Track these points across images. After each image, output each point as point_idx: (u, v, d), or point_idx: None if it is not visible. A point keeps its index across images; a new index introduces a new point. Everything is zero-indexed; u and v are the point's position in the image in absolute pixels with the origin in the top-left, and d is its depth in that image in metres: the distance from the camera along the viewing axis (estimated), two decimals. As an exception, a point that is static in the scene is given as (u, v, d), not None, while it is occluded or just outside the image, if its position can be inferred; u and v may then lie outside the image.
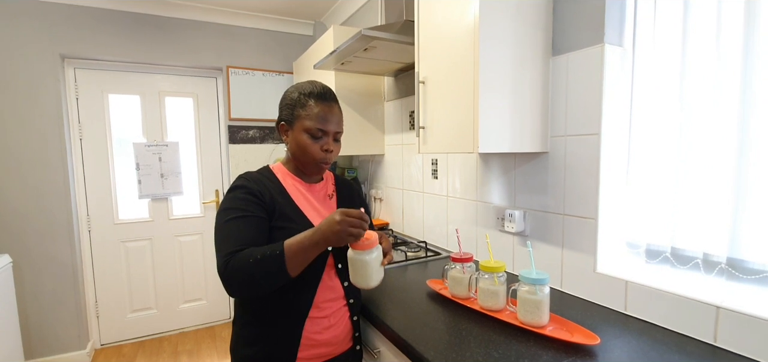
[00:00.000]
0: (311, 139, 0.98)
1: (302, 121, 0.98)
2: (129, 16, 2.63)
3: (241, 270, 0.84)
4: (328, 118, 0.99)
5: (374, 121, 2.35)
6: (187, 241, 3.03)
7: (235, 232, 0.89)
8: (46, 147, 2.46)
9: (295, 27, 3.14)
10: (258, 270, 0.84)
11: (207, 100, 3.01)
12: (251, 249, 0.86)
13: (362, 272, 0.92)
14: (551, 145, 1.27)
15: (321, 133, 0.98)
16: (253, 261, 0.84)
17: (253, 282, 0.85)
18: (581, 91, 1.16)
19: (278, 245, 0.86)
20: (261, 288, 0.87)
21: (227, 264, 0.85)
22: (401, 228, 2.28)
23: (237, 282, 0.86)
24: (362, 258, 0.91)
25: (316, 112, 0.97)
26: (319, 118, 0.97)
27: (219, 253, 0.88)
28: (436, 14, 1.27)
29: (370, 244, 0.91)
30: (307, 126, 0.97)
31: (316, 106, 0.98)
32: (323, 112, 0.98)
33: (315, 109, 0.98)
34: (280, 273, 0.85)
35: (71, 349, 2.60)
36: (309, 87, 1.00)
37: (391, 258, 1.02)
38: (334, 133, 1.01)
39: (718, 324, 0.89)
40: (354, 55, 1.78)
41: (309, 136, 0.98)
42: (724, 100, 0.94)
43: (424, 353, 0.91)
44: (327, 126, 0.99)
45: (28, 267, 2.47)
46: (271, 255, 0.84)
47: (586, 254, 1.18)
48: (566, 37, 1.20)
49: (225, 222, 0.91)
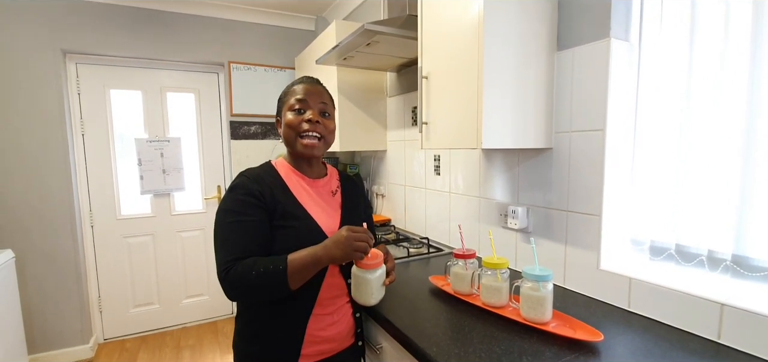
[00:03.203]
0: (294, 115, 1.00)
1: (287, 104, 1.01)
2: (131, 11, 2.62)
3: (241, 282, 0.85)
4: (309, 92, 1.01)
5: (377, 117, 2.35)
6: (189, 237, 3.03)
7: (234, 237, 0.89)
8: (48, 142, 2.46)
9: (297, 22, 3.13)
10: (259, 283, 0.85)
11: (209, 95, 3.00)
12: (254, 260, 0.87)
13: (363, 289, 0.94)
14: (555, 140, 1.26)
15: (301, 105, 0.99)
16: (254, 274, 0.85)
17: (253, 293, 0.88)
18: (586, 86, 1.15)
19: (281, 260, 0.87)
20: (260, 298, 0.90)
21: (228, 272, 0.86)
22: (403, 225, 2.27)
23: (236, 291, 0.88)
24: (364, 277, 0.93)
25: (297, 90, 1.01)
26: (300, 94, 1.00)
27: (218, 258, 0.89)
28: (439, 8, 1.26)
29: (374, 264, 0.92)
30: (290, 103, 1.00)
31: (298, 86, 1.02)
32: (303, 89, 1.01)
33: (296, 88, 1.02)
34: (281, 288, 0.87)
35: (74, 344, 2.62)
36: (297, 80, 1.05)
37: (393, 278, 1.03)
38: (318, 105, 1.01)
39: (722, 322, 0.89)
40: (356, 50, 1.77)
41: (292, 112, 1.00)
42: (731, 96, 0.93)
43: (427, 349, 0.91)
44: (308, 98, 1.00)
45: (31, 262, 2.48)
46: (273, 271, 0.85)
47: (590, 251, 1.18)
48: (572, 31, 1.19)
49: (225, 223, 0.91)
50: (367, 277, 0.92)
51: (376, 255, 0.93)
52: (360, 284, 0.94)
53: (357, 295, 0.96)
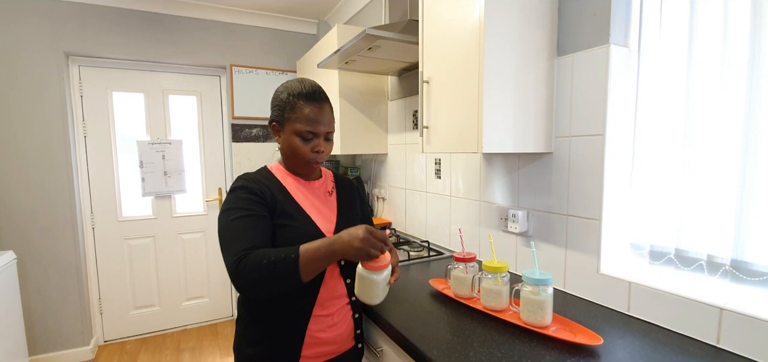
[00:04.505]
0: (302, 141, 0.98)
1: (292, 124, 0.98)
2: (133, 14, 2.64)
3: (254, 270, 0.83)
4: (319, 119, 0.98)
5: (378, 121, 2.35)
6: (190, 239, 3.04)
7: (243, 230, 0.89)
8: (50, 144, 2.47)
9: (299, 26, 3.14)
10: (271, 272, 0.83)
11: (210, 98, 3.01)
12: (265, 250, 0.86)
13: (369, 290, 0.93)
14: (555, 145, 1.27)
15: (311, 135, 0.98)
16: (266, 262, 0.83)
17: (264, 284, 0.85)
18: (586, 91, 1.16)
19: (294, 249, 0.85)
20: (271, 290, 0.87)
21: (239, 262, 0.84)
22: (404, 228, 2.28)
23: (248, 282, 0.85)
24: (371, 278, 0.91)
25: (306, 114, 0.97)
26: (309, 120, 0.97)
27: (228, 252, 0.87)
28: (440, 14, 1.27)
29: (382, 266, 0.91)
30: (297, 128, 0.97)
31: (306, 107, 0.97)
32: (313, 114, 0.97)
33: (305, 110, 0.97)
34: (293, 278, 0.84)
35: (75, 345, 2.62)
36: (298, 87, 0.99)
37: (398, 275, 1.02)
38: (324, 133, 1.00)
39: (721, 326, 0.89)
40: (358, 54, 1.79)
41: (299, 138, 0.98)
42: (730, 102, 0.94)
43: (427, 352, 0.91)
44: (317, 128, 0.98)
45: (33, 264, 2.48)
46: (285, 259, 0.84)
47: (590, 255, 1.18)
48: (571, 37, 1.20)
49: (231, 220, 0.91)
50: (375, 278, 0.91)
51: (384, 256, 0.91)
52: (366, 284, 0.92)
53: (362, 295, 0.94)
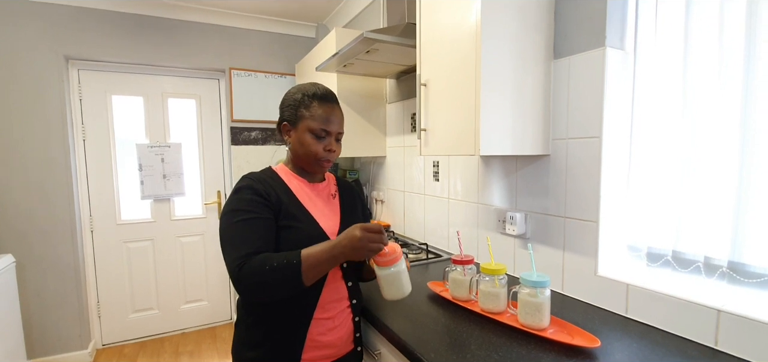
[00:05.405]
0: (315, 139, 1.00)
1: (306, 122, 1.00)
2: (133, 17, 2.65)
3: (256, 275, 0.84)
4: (331, 118, 1.01)
5: (376, 123, 2.36)
6: (189, 242, 3.04)
7: (246, 234, 0.89)
8: (49, 147, 2.47)
9: (298, 29, 3.15)
10: (273, 278, 0.84)
11: (209, 101, 3.02)
12: (267, 255, 0.86)
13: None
14: (553, 147, 1.27)
15: (324, 133, 1.01)
16: (268, 268, 0.84)
17: (267, 288, 0.85)
18: (583, 94, 1.16)
19: (295, 254, 0.86)
20: (273, 295, 0.87)
21: (241, 266, 0.84)
22: (402, 230, 2.28)
23: (250, 286, 0.85)
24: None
25: (319, 113, 1.00)
26: (323, 119, 1.00)
27: (229, 255, 0.87)
28: (438, 17, 1.27)
29: (396, 258, 0.91)
30: (311, 126, 0.99)
31: (320, 107, 1.00)
32: (326, 114, 1.00)
33: (318, 110, 1.00)
34: (295, 282, 0.85)
35: (73, 349, 2.61)
36: (312, 88, 1.02)
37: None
38: (336, 133, 1.03)
39: (719, 328, 0.89)
40: (356, 57, 1.79)
41: (313, 135, 1.00)
42: (726, 104, 0.94)
43: (425, 355, 0.91)
44: (330, 126, 1.01)
45: (31, 267, 2.48)
46: (287, 264, 0.84)
47: (588, 257, 1.18)
48: (568, 40, 1.21)
49: (233, 223, 0.90)
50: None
51: (394, 248, 0.92)
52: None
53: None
